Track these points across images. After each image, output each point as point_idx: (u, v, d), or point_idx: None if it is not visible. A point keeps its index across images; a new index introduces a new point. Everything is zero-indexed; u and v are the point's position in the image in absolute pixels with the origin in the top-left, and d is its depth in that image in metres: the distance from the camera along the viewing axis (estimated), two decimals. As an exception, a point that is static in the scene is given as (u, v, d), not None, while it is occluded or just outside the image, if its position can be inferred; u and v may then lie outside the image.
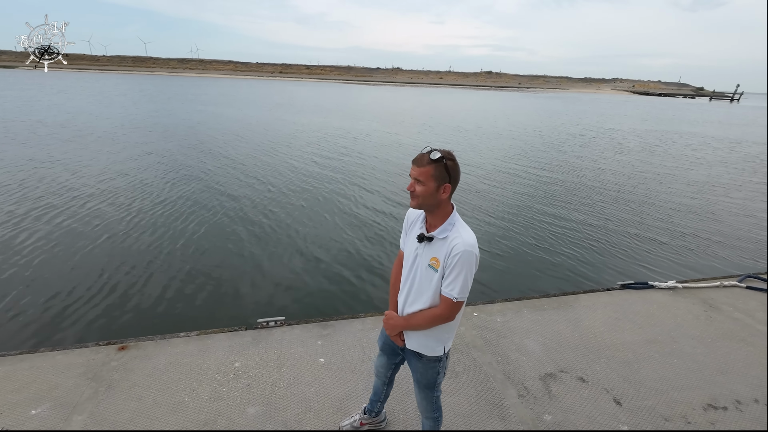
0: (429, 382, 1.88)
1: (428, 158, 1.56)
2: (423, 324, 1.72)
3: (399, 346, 1.89)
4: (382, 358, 2.09)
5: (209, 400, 2.48)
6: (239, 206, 7.68)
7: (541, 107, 45.85)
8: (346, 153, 13.45)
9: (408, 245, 1.81)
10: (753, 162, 15.11)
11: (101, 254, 5.49)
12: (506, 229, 7.05)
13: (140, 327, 4.00)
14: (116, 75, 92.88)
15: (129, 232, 6.24)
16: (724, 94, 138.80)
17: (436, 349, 1.80)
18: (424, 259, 1.69)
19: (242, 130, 17.42)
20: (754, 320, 3.56)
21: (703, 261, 6.15)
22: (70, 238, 5.90)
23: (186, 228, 6.51)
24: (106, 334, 3.86)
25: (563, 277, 5.43)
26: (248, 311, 4.37)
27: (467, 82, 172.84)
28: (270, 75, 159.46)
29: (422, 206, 1.63)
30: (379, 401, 2.23)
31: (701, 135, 23.67)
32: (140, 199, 7.81)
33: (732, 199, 9.72)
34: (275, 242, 6.15)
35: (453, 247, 1.59)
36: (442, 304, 1.67)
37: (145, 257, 5.46)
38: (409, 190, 1.61)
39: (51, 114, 19.49)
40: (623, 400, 2.60)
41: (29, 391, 2.49)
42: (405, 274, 1.80)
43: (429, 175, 1.56)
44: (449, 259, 1.60)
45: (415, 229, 1.77)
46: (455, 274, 1.59)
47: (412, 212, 1.81)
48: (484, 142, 17.37)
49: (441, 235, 1.63)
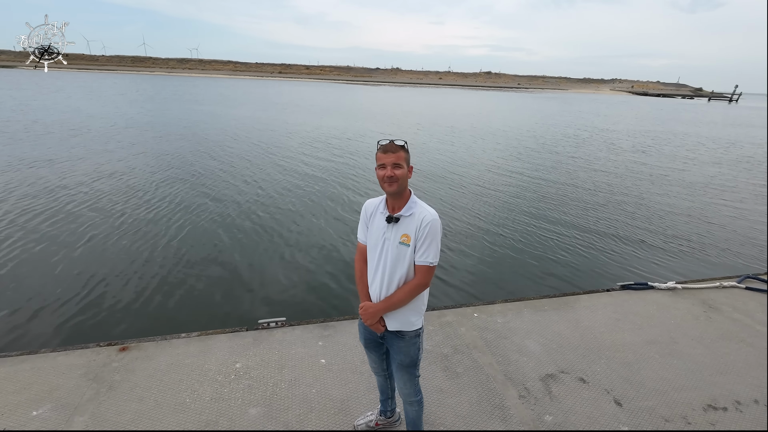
0: (412, 360, 1.96)
1: (397, 144, 1.74)
2: (404, 298, 1.82)
3: (379, 333, 1.93)
4: (371, 355, 2.13)
5: (210, 401, 2.48)
6: (241, 207, 7.67)
7: (539, 108, 45.88)
8: (344, 153, 13.46)
9: (372, 234, 1.90)
10: (749, 163, 15.15)
11: (102, 255, 5.49)
12: (506, 230, 7.06)
13: (141, 328, 3.99)
14: (114, 75, 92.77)
15: (129, 233, 6.23)
16: (723, 94, 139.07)
17: (416, 323, 1.91)
18: (393, 239, 1.81)
19: (242, 131, 17.42)
20: (753, 321, 3.57)
21: (702, 262, 6.16)
22: (71, 239, 5.89)
23: (186, 228, 6.50)
24: (107, 335, 3.85)
25: (563, 278, 5.44)
26: (249, 312, 4.37)
27: (466, 83, 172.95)
28: (269, 75, 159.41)
29: (399, 189, 1.75)
30: (388, 398, 2.27)
31: (701, 135, 23.73)
32: (141, 199, 7.80)
33: (730, 200, 9.75)
34: (276, 242, 6.15)
35: (422, 219, 1.76)
36: (419, 274, 1.80)
37: (145, 258, 5.46)
38: (389, 175, 1.71)
39: (45, 114, 19.46)
40: (624, 400, 2.61)
41: (30, 392, 2.49)
42: (375, 262, 1.88)
43: (403, 159, 1.74)
44: (420, 230, 1.75)
45: (376, 217, 1.88)
46: (428, 242, 1.76)
47: (370, 204, 1.94)
48: (478, 143, 17.39)
49: (407, 213, 1.79)
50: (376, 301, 1.89)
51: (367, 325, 1.94)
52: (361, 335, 2.09)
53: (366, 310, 1.90)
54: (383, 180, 1.74)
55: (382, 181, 1.75)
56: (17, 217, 6.59)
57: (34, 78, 54.73)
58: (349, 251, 5.93)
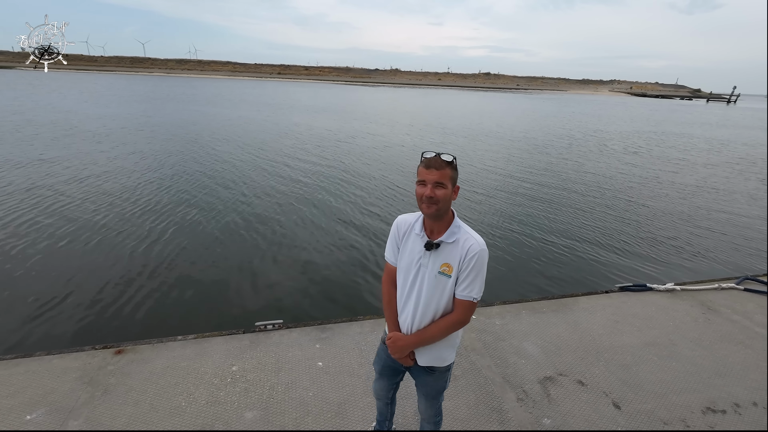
0: (438, 392, 1.84)
1: (443, 160, 1.51)
2: (439, 335, 1.64)
3: (407, 366, 1.78)
4: (381, 382, 1.97)
5: (206, 405, 2.46)
6: (237, 209, 7.65)
7: (537, 108, 45.94)
8: (341, 154, 13.44)
9: (405, 257, 1.68)
10: (749, 164, 15.18)
11: (96, 256, 5.46)
12: (503, 232, 7.05)
13: (137, 330, 3.97)
14: (113, 75, 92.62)
15: (125, 233, 6.20)
16: (721, 95, 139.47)
17: (449, 358, 1.75)
18: (431, 267, 1.60)
19: (241, 132, 17.39)
20: (752, 322, 3.56)
21: (700, 263, 6.16)
22: (64, 240, 5.86)
23: (183, 230, 6.48)
24: (102, 337, 3.83)
25: (561, 280, 5.43)
26: (246, 314, 4.35)
27: (465, 84, 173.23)
28: (268, 76, 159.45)
29: (440, 211, 1.54)
30: (386, 419, 2.16)
31: (695, 136, 23.79)
32: (135, 200, 7.77)
33: (724, 201, 9.76)
34: (273, 244, 6.13)
35: (468, 248, 1.54)
36: (459, 309, 1.60)
37: (141, 259, 5.43)
38: (428, 195, 1.49)
39: (40, 114, 19.41)
40: (622, 403, 2.59)
41: (24, 395, 2.46)
42: (407, 289, 1.68)
43: (448, 178, 1.51)
44: (465, 261, 1.55)
45: (411, 238, 1.66)
46: (474, 275, 1.55)
47: (403, 222, 1.71)
48: (473, 144, 17.39)
49: (450, 240, 1.57)
50: (407, 333, 1.70)
51: (394, 357, 1.77)
52: (379, 362, 1.92)
53: (395, 343, 1.71)
54: (421, 200, 1.52)
55: (420, 200, 1.53)
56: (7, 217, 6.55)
57: (31, 78, 54.62)
58: (346, 253, 5.91)
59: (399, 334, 1.72)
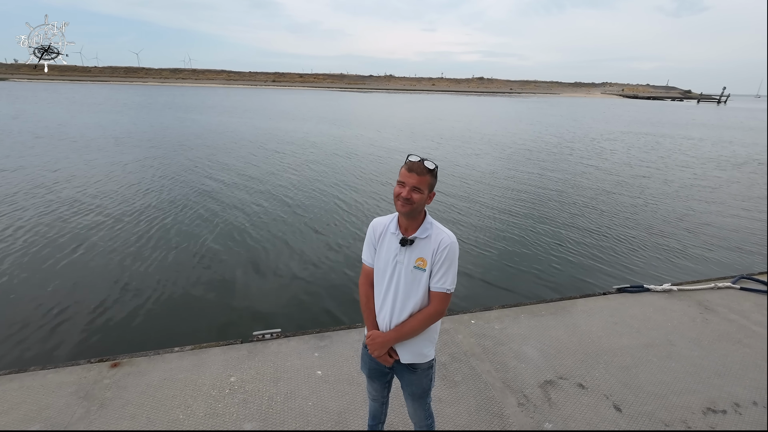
0: (424, 391, 1.86)
1: (425, 167, 1.60)
2: (418, 327, 1.69)
3: (388, 365, 1.80)
4: (373, 383, 1.99)
5: (204, 417, 2.43)
6: (232, 218, 7.62)
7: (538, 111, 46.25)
8: (336, 159, 13.46)
9: (381, 256, 1.75)
10: (744, 164, 15.34)
11: (91, 268, 5.41)
12: (499, 236, 7.06)
13: (133, 342, 3.92)
14: (107, 85, 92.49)
15: (119, 245, 6.16)
16: (712, 96, 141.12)
17: (429, 353, 1.79)
18: (407, 263, 1.68)
19: (242, 140, 17.38)
20: (749, 321, 3.58)
21: (697, 263, 6.19)
22: (57, 252, 5.81)
23: (178, 240, 6.44)
24: (98, 350, 3.78)
25: (559, 282, 5.43)
26: (243, 323, 4.31)
27: (459, 88, 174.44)
28: (263, 84, 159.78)
29: (413, 212, 1.63)
30: (379, 423, 2.16)
31: (691, 137, 24.03)
32: (131, 211, 7.72)
33: (718, 200, 9.84)
34: (270, 253, 6.10)
35: (440, 242, 1.64)
36: (435, 301, 1.68)
37: (136, 270, 5.39)
38: (404, 196, 1.58)
39: (28, 124, 19.32)
40: (623, 405, 2.59)
41: (19, 412, 2.42)
42: (384, 286, 1.74)
43: (427, 184, 1.61)
44: (438, 254, 1.64)
45: (387, 237, 1.74)
46: (446, 267, 1.64)
47: (378, 223, 1.79)
48: (471, 145, 17.46)
49: (423, 235, 1.67)
50: (386, 330, 1.74)
51: (374, 356, 1.78)
52: (365, 365, 1.94)
53: (374, 340, 1.75)
54: (397, 198, 1.61)
55: (396, 198, 1.61)
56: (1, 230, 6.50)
57: (23, 91, 54.37)
58: (343, 261, 5.90)
59: (377, 332, 1.77)
